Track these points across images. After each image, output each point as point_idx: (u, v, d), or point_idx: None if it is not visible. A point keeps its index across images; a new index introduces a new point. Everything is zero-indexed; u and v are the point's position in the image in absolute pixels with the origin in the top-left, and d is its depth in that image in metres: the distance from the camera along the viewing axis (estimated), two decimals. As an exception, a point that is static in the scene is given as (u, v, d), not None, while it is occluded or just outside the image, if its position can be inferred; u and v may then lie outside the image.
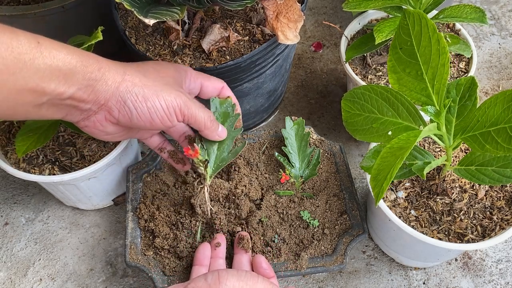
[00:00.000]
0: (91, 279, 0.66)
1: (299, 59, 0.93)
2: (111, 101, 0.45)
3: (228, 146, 0.57)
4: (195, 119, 0.50)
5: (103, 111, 0.46)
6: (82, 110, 0.45)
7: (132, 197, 0.64)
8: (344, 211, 0.63)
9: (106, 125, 0.47)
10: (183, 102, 0.48)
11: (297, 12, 0.60)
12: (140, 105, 0.45)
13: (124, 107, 0.45)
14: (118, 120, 0.46)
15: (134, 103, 0.45)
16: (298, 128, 0.68)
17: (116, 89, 0.44)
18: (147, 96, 0.45)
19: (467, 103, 0.51)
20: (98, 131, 0.48)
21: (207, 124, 0.52)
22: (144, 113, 0.46)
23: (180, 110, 0.48)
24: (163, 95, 0.46)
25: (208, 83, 0.56)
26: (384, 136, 0.51)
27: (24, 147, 0.59)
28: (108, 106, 0.45)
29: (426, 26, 0.43)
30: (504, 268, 0.67)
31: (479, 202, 0.59)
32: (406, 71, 0.47)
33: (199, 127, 0.52)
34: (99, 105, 0.45)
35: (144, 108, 0.45)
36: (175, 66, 0.53)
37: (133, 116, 0.46)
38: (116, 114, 0.46)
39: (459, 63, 0.73)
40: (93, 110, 0.45)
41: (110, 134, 0.49)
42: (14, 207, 0.74)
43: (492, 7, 1.02)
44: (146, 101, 0.45)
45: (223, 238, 0.59)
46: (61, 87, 0.41)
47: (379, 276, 0.66)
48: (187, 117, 0.49)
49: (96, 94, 0.44)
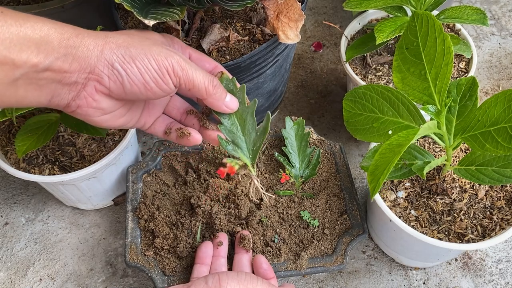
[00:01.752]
0: (91, 279, 0.66)
1: (299, 59, 0.93)
2: (98, 67, 0.40)
3: (252, 125, 0.49)
4: (193, 82, 0.43)
5: (91, 81, 0.40)
6: (67, 84, 0.40)
7: (132, 197, 0.64)
8: (344, 211, 0.63)
9: (99, 99, 0.41)
10: (176, 62, 0.42)
11: (298, 12, 0.60)
12: (129, 66, 0.40)
13: (113, 70, 0.40)
14: (110, 89, 0.41)
15: (122, 64, 0.40)
16: (298, 128, 0.68)
17: (100, 52, 0.39)
18: (134, 55, 0.40)
19: (467, 103, 0.51)
20: (93, 109, 0.42)
21: (209, 89, 0.45)
22: (135, 74, 0.40)
23: (173, 71, 0.42)
24: (152, 54, 0.41)
25: (198, 55, 0.50)
26: (384, 135, 0.51)
27: (24, 147, 0.59)
28: (96, 73, 0.40)
29: (433, 26, 0.44)
30: (504, 268, 0.67)
31: (479, 202, 0.59)
32: (411, 71, 0.47)
33: (200, 94, 0.45)
34: (86, 74, 0.40)
35: (134, 69, 0.40)
36: (160, 33, 0.48)
37: (124, 81, 0.40)
38: (106, 82, 0.40)
39: (459, 63, 0.73)
40: (81, 83, 0.40)
41: (108, 112, 0.44)
42: (14, 207, 0.74)
43: (492, 7, 1.02)
44: (134, 60, 0.40)
45: (225, 237, 0.59)
46: (34, 58, 0.36)
47: (379, 276, 0.66)
48: (183, 80, 0.43)
49: (79, 62, 0.39)
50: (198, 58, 0.50)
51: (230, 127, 0.49)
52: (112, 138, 0.65)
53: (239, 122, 0.49)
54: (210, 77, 0.45)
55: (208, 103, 0.47)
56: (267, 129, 0.49)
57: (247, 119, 0.49)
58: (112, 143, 0.65)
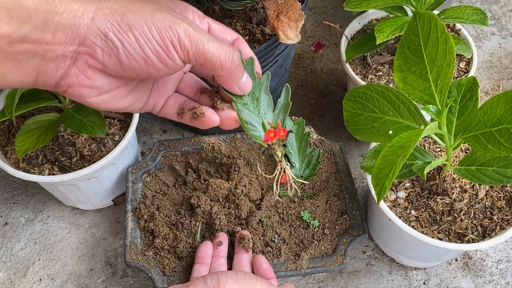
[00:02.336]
0: (90, 279, 0.66)
1: (299, 59, 0.93)
2: (89, 38, 0.33)
3: (267, 103, 0.43)
4: (204, 56, 0.36)
5: (82, 55, 0.34)
6: (53, 59, 0.33)
7: (132, 197, 0.63)
8: (344, 211, 0.62)
9: (93, 76, 0.35)
10: (183, 31, 0.34)
11: (298, 12, 0.60)
12: (125, 36, 0.33)
13: (107, 41, 0.33)
14: (105, 64, 0.34)
15: (117, 34, 0.33)
16: (298, 128, 0.68)
17: (92, 20, 0.33)
18: (132, 23, 0.33)
19: (468, 103, 0.51)
20: (87, 89, 0.36)
21: (226, 64, 0.37)
22: (133, 46, 0.34)
23: (179, 43, 0.35)
24: (153, 21, 0.34)
25: (219, 26, 0.42)
26: (384, 135, 0.51)
27: (23, 147, 0.59)
28: (87, 45, 0.33)
29: (435, 26, 0.44)
30: (504, 268, 0.67)
31: (480, 202, 0.59)
32: (412, 70, 0.47)
33: (214, 70, 0.37)
34: (75, 46, 0.33)
35: (132, 40, 0.33)
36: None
37: (120, 54, 0.34)
38: (99, 55, 0.34)
39: (459, 63, 0.73)
40: (69, 57, 0.34)
41: (105, 92, 0.37)
42: (13, 207, 0.74)
43: (493, 7, 1.02)
44: (132, 29, 0.33)
45: (225, 236, 0.58)
46: (5, 26, 0.30)
47: (379, 276, 0.66)
48: (193, 54, 0.35)
49: (64, 32, 0.32)
50: (220, 30, 0.42)
51: (245, 107, 0.42)
52: (112, 138, 0.65)
53: (252, 101, 0.42)
54: (228, 49, 0.37)
55: (220, 80, 0.39)
56: (288, 104, 0.42)
57: (261, 96, 0.42)
58: (112, 143, 0.65)
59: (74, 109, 0.62)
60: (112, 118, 0.67)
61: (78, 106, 0.63)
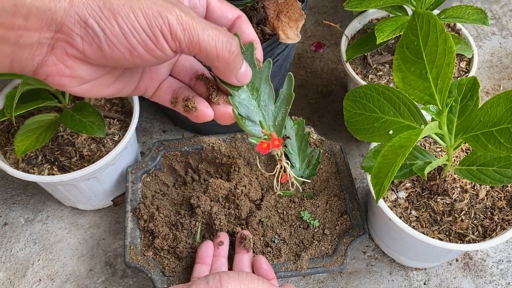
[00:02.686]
0: (90, 279, 0.66)
1: (299, 59, 0.93)
2: (66, 25, 0.30)
3: (268, 94, 0.39)
4: (199, 46, 0.32)
5: (60, 43, 0.31)
6: (28, 46, 0.30)
7: (131, 198, 0.63)
8: (344, 211, 0.62)
9: (73, 65, 0.32)
10: (175, 19, 0.31)
11: (298, 11, 0.59)
12: (108, 23, 0.30)
13: (87, 30, 0.30)
14: (85, 53, 0.31)
15: (99, 21, 0.30)
16: (298, 128, 0.68)
17: (70, 4, 0.29)
18: (115, 9, 0.30)
19: (468, 103, 0.51)
20: (68, 78, 0.33)
21: (223, 55, 0.34)
22: (117, 35, 0.30)
23: (170, 32, 0.31)
24: (140, 7, 0.30)
25: (218, 3, 0.38)
26: (385, 135, 0.51)
27: (23, 147, 0.59)
28: (65, 33, 0.30)
29: (434, 26, 0.43)
30: (505, 269, 0.67)
31: (480, 202, 0.59)
32: (411, 70, 0.47)
33: (210, 61, 0.34)
34: (51, 33, 0.30)
35: (115, 29, 0.30)
36: None
37: (102, 44, 0.30)
38: (79, 44, 0.30)
39: (460, 63, 0.73)
40: (46, 45, 0.30)
41: (88, 81, 0.34)
42: (13, 208, 0.73)
43: (493, 6, 1.02)
44: (116, 16, 0.30)
45: (225, 236, 0.58)
46: None
47: (380, 276, 0.66)
48: (186, 44, 0.32)
49: (39, 17, 0.29)
50: (219, 7, 0.38)
51: (243, 100, 0.38)
52: (112, 138, 0.65)
53: (252, 92, 0.38)
54: (225, 38, 0.33)
55: (216, 71, 0.36)
56: (291, 95, 0.38)
57: (261, 86, 0.38)
58: (112, 143, 0.65)
59: (74, 109, 0.62)
60: (111, 118, 0.67)
61: (78, 106, 0.63)
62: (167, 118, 0.83)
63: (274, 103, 0.39)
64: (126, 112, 0.68)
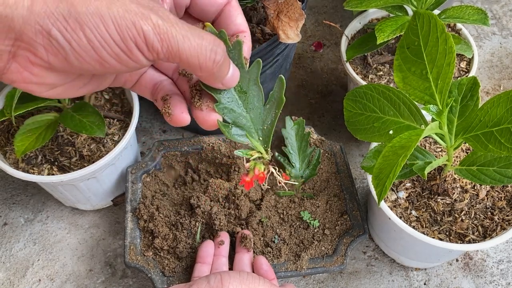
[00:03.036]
0: (90, 279, 0.66)
1: (299, 59, 0.93)
2: (26, 33, 0.27)
3: (257, 97, 0.36)
4: (179, 56, 0.29)
5: (22, 51, 0.28)
6: None
7: (131, 198, 0.63)
8: (344, 211, 0.62)
9: (39, 73, 0.29)
10: (151, 28, 0.28)
11: (298, 11, 0.59)
12: (74, 35, 0.27)
13: (51, 40, 0.27)
14: (50, 63, 0.28)
15: (64, 32, 0.26)
16: (299, 128, 0.68)
17: (29, 11, 0.26)
18: (83, 20, 0.26)
19: (468, 103, 0.51)
20: (35, 85, 0.30)
21: (206, 66, 0.31)
22: (84, 48, 0.27)
23: (146, 43, 0.28)
24: (111, 16, 0.27)
25: None
26: (385, 135, 0.51)
27: (23, 147, 0.59)
28: (26, 41, 0.27)
29: (435, 26, 0.43)
30: (505, 269, 0.67)
31: (480, 202, 0.59)
32: (412, 70, 0.47)
33: (191, 69, 0.31)
34: (11, 41, 0.27)
35: (83, 41, 0.27)
36: None
37: (69, 55, 0.27)
38: (43, 54, 0.28)
39: (460, 63, 0.73)
40: (7, 52, 0.28)
41: (59, 85, 0.31)
42: (13, 208, 0.73)
43: (493, 6, 1.02)
44: (83, 27, 0.27)
45: (226, 236, 0.58)
46: None
47: (380, 276, 0.66)
48: (165, 55, 0.29)
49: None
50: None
51: (228, 103, 0.35)
52: (112, 138, 0.65)
53: (239, 95, 0.36)
54: (210, 47, 0.30)
55: (200, 78, 0.34)
56: (281, 100, 0.35)
57: (250, 88, 0.36)
58: (112, 143, 0.65)
59: (74, 109, 0.62)
60: (111, 118, 0.67)
61: (78, 106, 0.63)
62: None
63: (264, 105, 0.36)
64: (126, 112, 0.68)
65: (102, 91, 0.69)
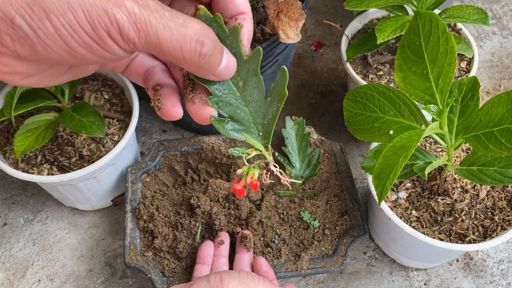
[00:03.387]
0: (90, 280, 0.66)
1: (299, 59, 0.92)
2: None
3: (257, 88, 0.33)
4: (160, 47, 0.27)
5: None
6: None
7: (131, 198, 0.63)
8: (344, 211, 0.62)
9: (9, 63, 0.27)
10: (127, 16, 0.25)
11: (298, 11, 0.59)
12: (40, 24, 0.25)
13: (15, 29, 0.25)
14: (18, 53, 0.26)
15: (28, 20, 0.24)
16: (299, 128, 0.68)
17: None
18: (48, 7, 0.24)
19: (469, 103, 0.51)
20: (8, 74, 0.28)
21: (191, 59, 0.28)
22: (52, 38, 0.25)
23: (120, 32, 0.25)
24: (81, 2, 0.25)
25: None
26: (385, 135, 0.51)
27: (22, 147, 0.59)
28: None
29: (436, 26, 0.43)
30: (505, 269, 0.67)
31: (481, 202, 0.58)
32: (412, 70, 0.47)
33: (175, 61, 0.28)
34: None
35: (49, 30, 0.25)
36: None
37: (36, 45, 0.25)
38: (8, 43, 0.26)
39: (460, 63, 0.73)
40: None
41: (33, 74, 0.29)
42: (12, 208, 0.73)
43: (494, 6, 1.02)
44: (49, 15, 0.24)
45: (226, 236, 0.58)
46: None
47: (380, 277, 0.66)
48: (143, 46, 0.26)
49: None
50: None
51: (224, 96, 0.32)
52: (111, 138, 0.65)
53: (236, 87, 0.32)
54: (195, 37, 0.27)
55: (188, 70, 0.31)
56: (284, 93, 0.32)
57: (249, 79, 0.32)
58: (111, 143, 0.64)
59: (73, 108, 0.62)
60: (111, 118, 0.67)
61: (77, 106, 0.63)
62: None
63: (265, 98, 0.33)
64: (125, 112, 0.68)
65: (101, 91, 0.69)
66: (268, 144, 0.35)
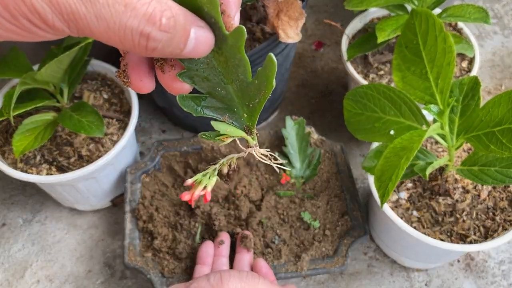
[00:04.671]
0: (89, 280, 0.66)
1: (299, 58, 0.92)
2: None
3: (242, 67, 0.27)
4: (97, 38, 0.23)
5: None
6: None
7: (130, 198, 0.63)
8: (345, 212, 0.62)
9: None
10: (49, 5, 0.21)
11: (298, 10, 0.59)
12: None
13: None
14: None
15: None
16: (299, 128, 0.67)
17: None
18: None
19: (470, 103, 0.50)
20: None
21: (136, 50, 0.23)
22: None
23: (44, 22, 0.21)
24: None
25: None
26: (386, 135, 0.51)
27: (21, 147, 0.59)
28: None
29: (433, 25, 0.43)
30: (506, 269, 0.66)
31: (482, 202, 0.58)
32: (411, 70, 0.46)
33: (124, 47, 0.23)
34: None
35: None
36: None
37: None
38: None
39: (461, 62, 0.72)
40: None
41: None
42: (11, 208, 0.73)
43: (495, 5, 1.01)
44: None
45: (227, 236, 0.58)
46: None
47: (381, 277, 0.66)
48: (78, 34, 0.22)
49: None
50: None
51: (201, 71, 0.27)
52: (111, 138, 0.65)
53: (217, 61, 0.27)
54: (139, 29, 0.22)
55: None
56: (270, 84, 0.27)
57: (231, 56, 0.27)
58: (110, 143, 0.64)
59: (72, 108, 0.62)
60: (110, 117, 0.66)
61: (76, 106, 0.62)
62: (166, 118, 0.82)
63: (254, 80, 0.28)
64: (125, 112, 0.68)
65: (101, 91, 0.69)
66: (253, 128, 0.30)
